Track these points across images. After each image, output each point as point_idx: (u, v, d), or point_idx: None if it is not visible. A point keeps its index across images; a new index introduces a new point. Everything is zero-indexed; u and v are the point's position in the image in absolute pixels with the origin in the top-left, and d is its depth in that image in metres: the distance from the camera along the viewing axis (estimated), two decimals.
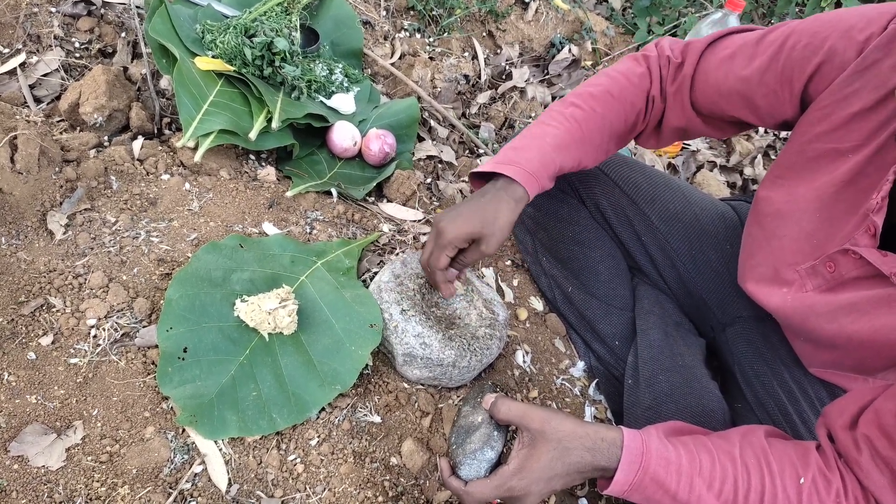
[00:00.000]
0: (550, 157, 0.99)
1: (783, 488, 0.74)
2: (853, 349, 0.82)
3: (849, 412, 0.76)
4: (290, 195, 1.33)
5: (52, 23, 1.43)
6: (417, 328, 1.09)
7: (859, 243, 0.79)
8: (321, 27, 1.64)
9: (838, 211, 0.83)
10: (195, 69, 1.32)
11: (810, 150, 0.87)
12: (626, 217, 1.24)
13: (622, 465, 0.76)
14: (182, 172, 1.27)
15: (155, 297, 1.07)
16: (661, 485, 0.75)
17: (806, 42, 0.85)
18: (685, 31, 2.20)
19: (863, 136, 0.80)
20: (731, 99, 0.95)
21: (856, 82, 0.80)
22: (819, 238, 0.85)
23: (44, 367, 0.96)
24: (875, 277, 0.78)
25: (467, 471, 0.85)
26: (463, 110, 1.84)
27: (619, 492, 0.77)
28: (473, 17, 2.01)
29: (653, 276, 1.27)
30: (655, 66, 1.04)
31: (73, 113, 1.29)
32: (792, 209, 0.89)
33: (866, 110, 0.79)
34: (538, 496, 0.79)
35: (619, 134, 1.07)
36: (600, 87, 1.05)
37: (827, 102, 0.83)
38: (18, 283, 1.02)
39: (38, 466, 0.87)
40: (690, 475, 0.76)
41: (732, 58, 0.94)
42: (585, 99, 1.04)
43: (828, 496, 0.73)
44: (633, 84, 1.04)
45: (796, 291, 0.89)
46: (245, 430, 0.96)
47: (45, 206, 1.12)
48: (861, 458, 0.73)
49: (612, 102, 1.03)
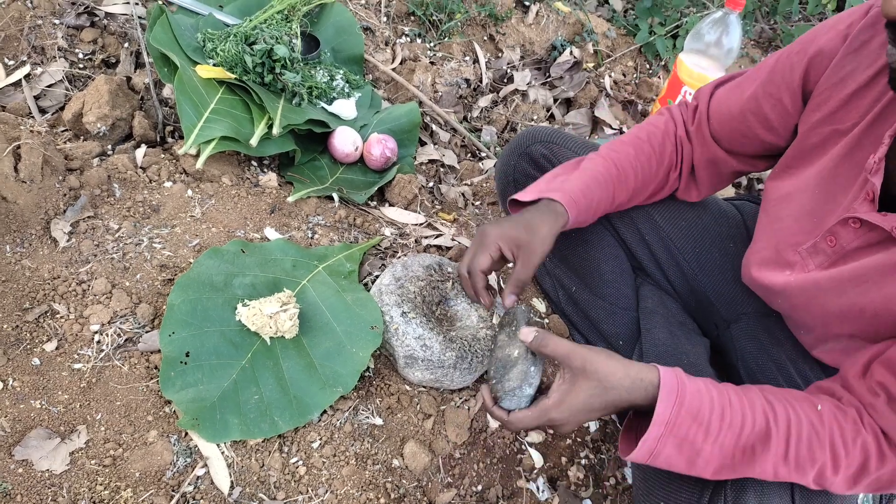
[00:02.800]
0: (590, 188, 1.04)
1: (805, 413, 0.77)
2: (867, 321, 0.82)
3: (860, 362, 0.79)
4: (291, 200, 1.34)
5: (55, 34, 1.45)
6: (418, 330, 1.09)
7: (858, 210, 0.80)
8: (322, 34, 1.66)
9: (837, 186, 0.85)
10: (196, 77, 1.33)
11: (813, 136, 0.89)
12: (630, 217, 1.24)
13: (661, 397, 0.77)
14: (184, 179, 1.29)
15: (157, 303, 1.08)
16: (696, 414, 0.77)
17: (798, 49, 0.91)
18: (686, 30, 2.20)
19: (860, 113, 0.83)
20: (745, 119, 0.99)
21: (848, 65, 0.84)
22: (819, 215, 0.87)
23: (48, 372, 0.97)
24: (877, 245, 0.79)
25: (508, 404, 0.89)
26: (464, 114, 1.85)
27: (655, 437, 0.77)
28: (474, 21, 2.02)
29: (657, 276, 1.27)
30: (676, 111, 1.12)
31: (76, 122, 1.30)
32: (793, 192, 0.92)
33: (861, 88, 0.82)
34: (575, 425, 0.84)
35: (655, 176, 1.10)
36: (630, 134, 1.12)
37: (823, 89, 0.87)
38: (23, 290, 1.04)
39: (43, 470, 0.88)
40: (722, 405, 0.78)
41: (739, 85, 1.01)
42: (618, 145, 1.10)
43: (846, 422, 0.76)
44: (659, 128, 1.10)
45: (799, 272, 0.90)
46: (247, 432, 0.97)
47: (48, 214, 1.13)
48: (877, 402, 0.75)
49: (642, 145, 1.09)
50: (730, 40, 1.74)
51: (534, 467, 1.12)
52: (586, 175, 1.05)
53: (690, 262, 1.21)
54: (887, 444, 0.75)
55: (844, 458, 0.74)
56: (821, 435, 0.75)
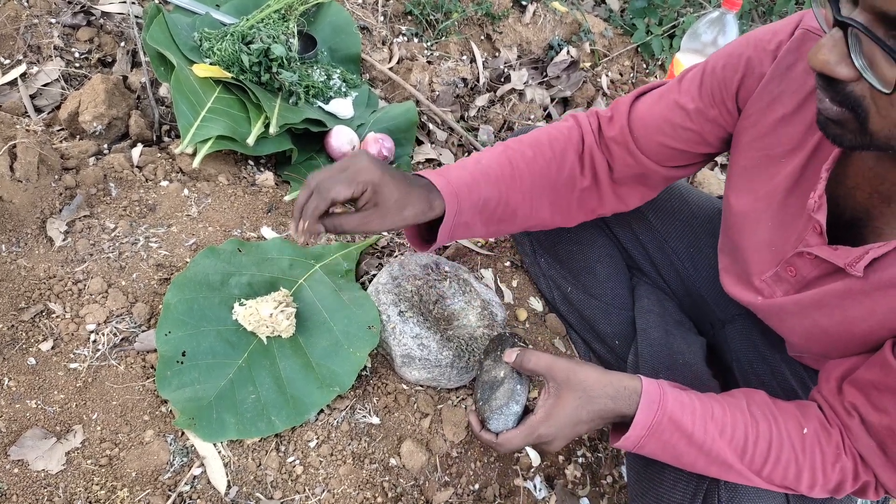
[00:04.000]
0: (478, 182, 0.94)
1: (788, 436, 0.78)
2: (831, 342, 0.82)
3: (833, 377, 0.81)
4: (288, 199, 1.34)
5: (52, 33, 1.44)
6: (415, 329, 1.09)
7: (810, 243, 0.79)
8: (319, 33, 1.65)
9: (788, 216, 0.84)
10: (193, 76, 1.33)
11: (745, 158, 0.89)
12: (624, 216, 1.24)
13: (641, 407, 0.79)
14: (181, 178, 1.28)
15: (154, 302, 1.08)
16: (678, 426, 0.78)
17: (724, 62, 0.88)
18: (683, 30, 2.20)
19: (793, 141, 0.81)
20: (675, 133, 0.94)
21: (775, 89, 0.82)
22: (776, 245, 0.86)
23: (44, 372, 0.97)
24: (834, 273, 0.78)
25: (496, 425, 0.89)
26: (461, 113, 1.85)
27: (637, 437, 0.79)
28: (471, 21, 2.02)
29: (652, 275, 1.27)
30: (584, 119, 1.04)
31: (72, 122, 1.30)
32: (746, 220, 0.90)
33: (789, 115, 0.81)
34: (564, 440, 0.85)
35: (554, 182, 1.01)
36: (531, 136, 1.03)
37: (752, 111, 0.85)
38: (18, 289, 1.03)
39: (38, 470, 0.87)
40: (704, 418, 0.79)
41: (661, 97, 0.96)
42: (514, 143, 1.02)
43: (828, 447, 0.77)
44: (562, 133, 1.02)
45: (766, 298, 0.90)
46: (244, 432, 0.97)
47: (44, 213, 1.13)
48: (851, 423, 0.77)
49: (542, 149, 1.00)
50: (726, 40, 1.74)
51: (531, 466, 1.12)
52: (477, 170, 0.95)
53: (685, 261, 1.21)
54: (862, 464, 0.77)
55: (822, 478, 0.77)
56: (800, 460, 0.77)
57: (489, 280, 1.34)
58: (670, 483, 0.87)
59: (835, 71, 0.59)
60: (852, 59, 0.57)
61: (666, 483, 0.88)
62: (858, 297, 0.75)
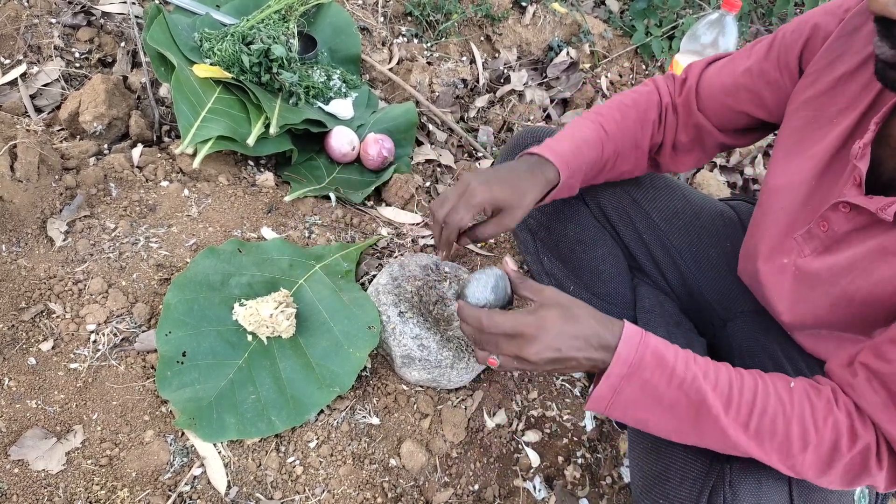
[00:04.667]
0: (581, 149, 1.03)
1: (775, 389, 0.76)
2: (855, 310, 0.83)
3: (846, 354, 0.80)
4: (288, 200, 1.34)
5: (52, 34, 1.44)
6: (415, 330, 1.09)
7: (847, 195, 0.80)
8: (319, 34, 1.66)
9: (831, 174, 0.86)
10: (193, 77, 1.33)
11: (797, 117, 0.91)
12: (628, 216, 1.24)
13: (624, 338, 0.77)
14: (181, 179, 1.28)
15: (154, 302, 1.08)
16: (660, 359, 0.76)
17: (793, 28, 0.92)
18: (682, 32, 2.21)
19: (848, 99, 0.84)
20: (737, 96, 0.99)
21: (839, 48, 0.85)
22: (814, 202, 0.88)
23: (44, 372, 0.97)
24: (866, 228, 0.79)
25: (473, 286, 0.88)
26: (461, 114, 1.85)
27: (618, 374, 0.76)
28: (471, 22, 2.02)
29: (654, 276, 1.27)
30: (662, 82, 1.11)
31: (73, 122, 1.30)
32: (787, 182, 0.92)
33: (850, 73, 0.83)
34: (545, 345, 0.79)
35: (639, 142, 1.09)
36: (614, 100, 1.11)
37: (814, 69, 0.88)
38: (19, 289, 1.03)
39: (39, 470, 0.87)
40: (687, 358, 0.77)
41: (732, 61, 1.01)
42: (604, 109, 1.10)
43: (818, 400, 0.75)
44: (643, 96, 1.10)
45: (796, 257, 0.90)
46: (244, 432, 0.97)
47: (44, 213, 1.13)
48: (855, 380, 0.75)
49: (627, 110, 1.08)
50: (726, 41, 1.74)
51: (530, 466, 1.12)
52: (577, 137, 1.04)
53: (687, 260, 1.21)
54: (860, 420, 0.74)
55: (814, 434, 0.74)
56: (787, 410, 0.75)
57: None
58: (678, 479, 0.87)
59: (894, 12, 0.61)
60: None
61: (673, 480, 0.88)
62: (889, 257, 0.76)
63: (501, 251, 1.43)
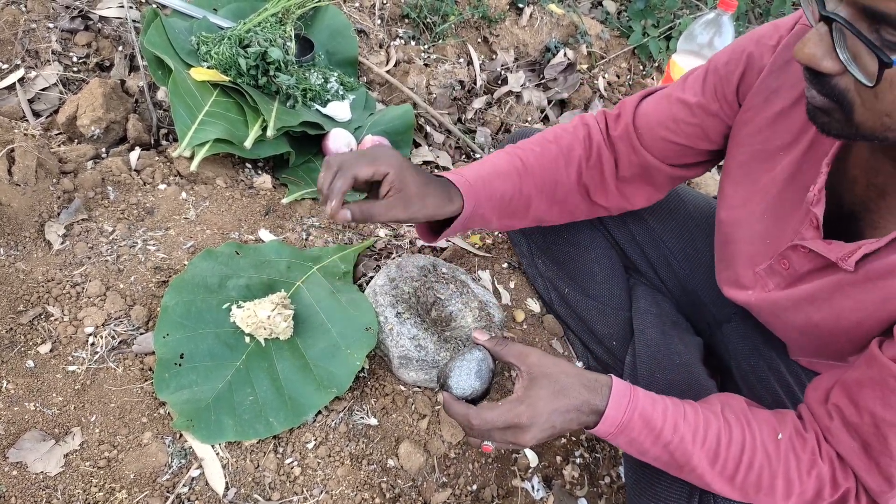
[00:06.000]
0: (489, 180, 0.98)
1: (762, 442, 0.77)
2: (823, 337, 0.83)
3: (822, 388, 0.80)
4: (286, 202, 1.35)
5: (49, 38, 1.45)
6: (413, 330, 1.09)
7: (805, 237, 0.80)
8: (316, 36, 1.66)
9: (784, 209, 0.85)
10: (190, 80, 1.33)
11: (741, 153, 0.90)
12: (622, 217, 1.25)
13: (612, 401, 0.79)
14: (178, 182, 1.29)
15: (152, 305, 1.08)
16: (647, 422, 0.78)
17: (727, 59, 0.90)
18: (679, 32, 2.21)
19: (791, 134, 0.83)
20: (677, 129, 0.97)
21: (773, 83, 0.84)
22: (771, 237, 0.87)
23: (42, 374, 0.97)
24: (827, 267, 0.79)
25: (456, 375, 0.87)
26: (459, 116, 1.85)
27: (606, 432, 0.80)
28: (468, 24, 2.03)
29: (649, 276, 1.27)
30: (590, 119, 1.08)
31: (70, 126, 1.31)
32: (741, 213, 0.91)
33: (787, 108, 0.82)
34: (540, 429, 0.79)
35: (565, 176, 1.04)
36: (536, 136, 1.08)
37: (751, 105, 0.87)
38: (17, 292, 1.04)
39: (37, 472, 0.88)
40: (675, 418, 0.79)
41: (668, 95, 0.99)
42: (522, 143, 1.06)
43: (803, 452, 0.77)
44: (567, 132, 1.06)
45: (759, 292, 0.90)
46: (242, 434, 0.97)
47: (42, 216, 1.13)
48: (832, 425, 0.76)
49: (548, 145, 1.04)
50: (722, 41, 1.75)
51: (528, 466, 1.12)
52: (486, 167, 1.00)
53: (681, 262, 1.21)
54: (841, 470, 0.76)
55: (798, 485, 0.76)
56: (773, 465, 0.77)
57: (487, 281, 1.35)
58: (667, 482, 0.88)
59: (820, 65, 0.60)
60: (837, 53, 0.58)
61: (663, 483, 0.88)
62: (848, 290, 0.76)
63: (499, 252, 1.44)
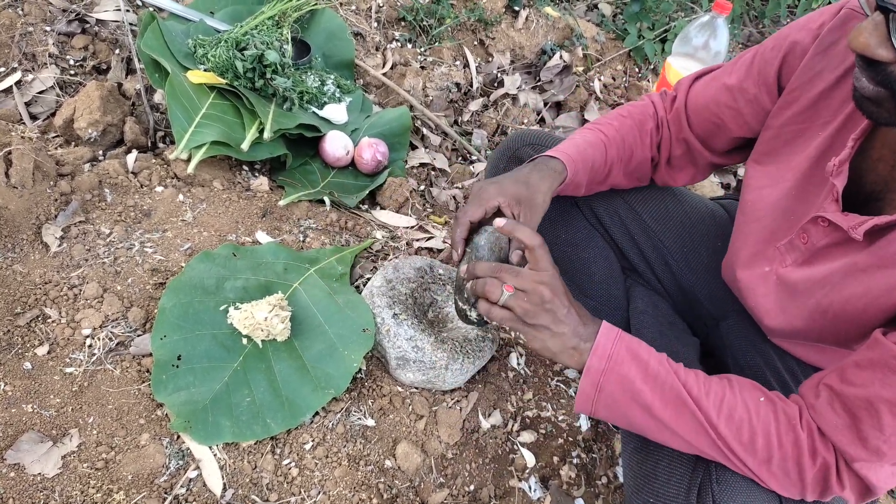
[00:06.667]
0: (584, 148, 1.05)
1: (742, 398, 0.79)
2: (829, 322, 0.84)
3: (816, 378, 0.81)
4: (283, 204, 1.35)
5: (46, 41, 1.45)
6: (410, 332, 1.10)
7: (826, 210, 0.82)
8: (313, 39, 1.67)
9: (811, 185, 0.87)
10: (187, 83, 1.34)
11: (784, 133, 0.92)
12: (619, 218, 1.25)
13: (601, 334, 0.81)
14: (176, 184, 1.29)
15: (149, 307, 1.09)
16: (635, 355, 0.80)
17: (772, 44, 0.93)
18: (675, 34, 2.22)
19: (829, 114, 0.85)
20: (719, 112, 1.01)
21: (817, 65, 0.86)
22: (796, 214, 0.89)
23: (40, 376, 0.97)
24: (842, 244, 0.81)
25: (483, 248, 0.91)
26: (455, 118, 1.86)
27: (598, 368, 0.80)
28: (464, 26, 2.03)
29: (647, 276, 1.28)
30: (657, 98, 1.14)
31: (67, 128, 1.31)
32: (771, 191, 0.93)
33: (829, 89, 0.85)
34: (554, 293, 0.81)
35: (638, 148, 1.11)
36: (611, 112, 1.14)
37: (794, 86, 0.89)
38: (14, 294, 1.04)
39: (35, 474, 0.88)
40: (659, 356, 0.81)
41: (717, 77, 1.03)
42: (600, 119, 1.12)
43: (782, 416, 0.77)
44: (638, 107, 1.13)
45: (778, 266, 0.92)
46: (239, 435, 0.97)
47: (40, 219, 1.13)
48: (817, 402, 0.77)
49: (624, 119, 1.11)
50: (717, 43, 1.76)
51: (526, 467, 1.12)
52: (577, 139, 1.06)
53: (679, 260, 1.22)
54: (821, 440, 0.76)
55: (777, 449, 0.76)
56: (753, 422, 0.77)
57: None
58: (665, 478, 0.88)
59: (875, 53, 0.62)
60: (892, 42, 0.60)
61: (661, 478, 0.89)
62: (859, 274, 0.78)
63: None
